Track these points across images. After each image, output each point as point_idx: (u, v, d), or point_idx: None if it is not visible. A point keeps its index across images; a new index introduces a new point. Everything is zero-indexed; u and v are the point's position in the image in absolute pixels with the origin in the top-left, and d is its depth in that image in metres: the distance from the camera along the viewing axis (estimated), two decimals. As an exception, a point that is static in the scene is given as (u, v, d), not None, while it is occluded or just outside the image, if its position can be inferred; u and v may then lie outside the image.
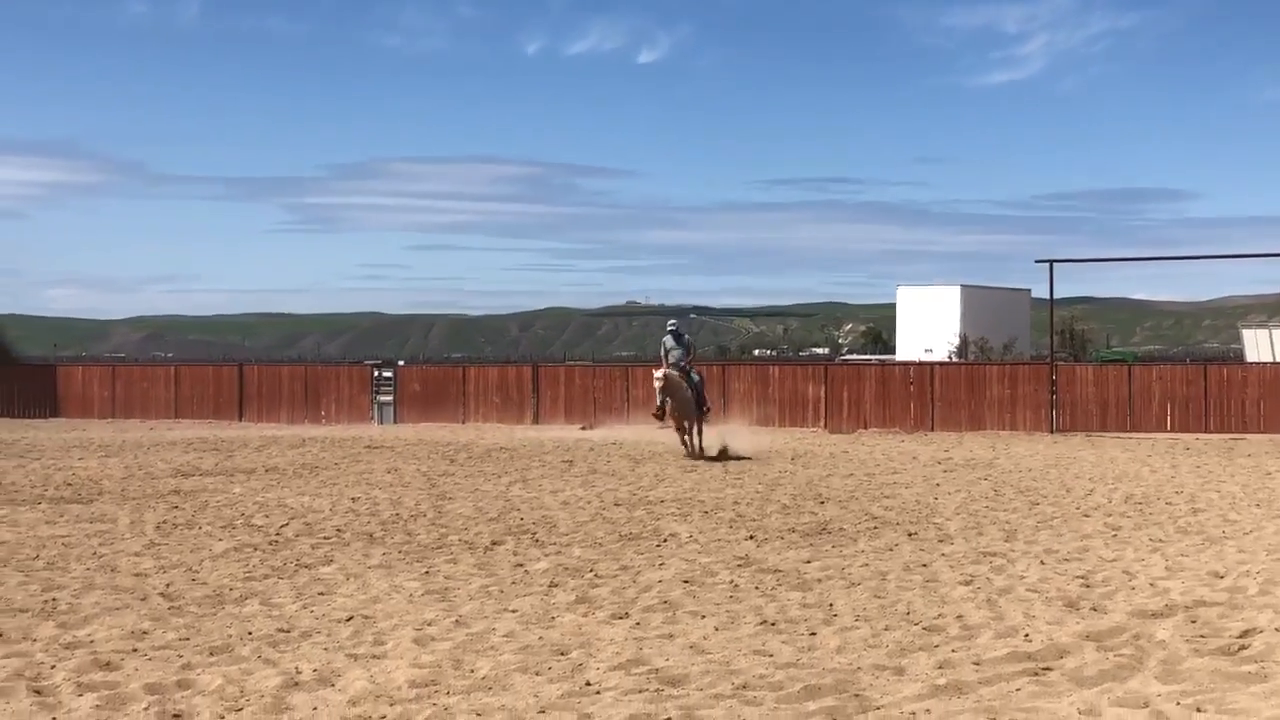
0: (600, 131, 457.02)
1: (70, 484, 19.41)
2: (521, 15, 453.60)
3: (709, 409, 25.28)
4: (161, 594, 10.46)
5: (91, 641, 8.74)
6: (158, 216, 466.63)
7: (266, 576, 11.31)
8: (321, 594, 10.50)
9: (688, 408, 24.19)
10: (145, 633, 9.02)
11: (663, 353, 25.23)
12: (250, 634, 8.97)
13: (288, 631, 9.07)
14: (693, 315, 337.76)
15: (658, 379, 24.06)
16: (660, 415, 24.25)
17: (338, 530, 14.28)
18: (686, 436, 24.32)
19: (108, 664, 8.12)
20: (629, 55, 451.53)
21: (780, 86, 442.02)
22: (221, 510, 16.03)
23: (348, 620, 9.45)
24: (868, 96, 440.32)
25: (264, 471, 21.85)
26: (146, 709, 7.14)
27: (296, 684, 7.62)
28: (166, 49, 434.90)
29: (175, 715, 7.05)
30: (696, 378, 24.74)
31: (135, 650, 8.49)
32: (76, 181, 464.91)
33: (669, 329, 25.63)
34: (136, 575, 11.33)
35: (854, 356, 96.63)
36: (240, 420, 39.72)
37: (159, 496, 17.61)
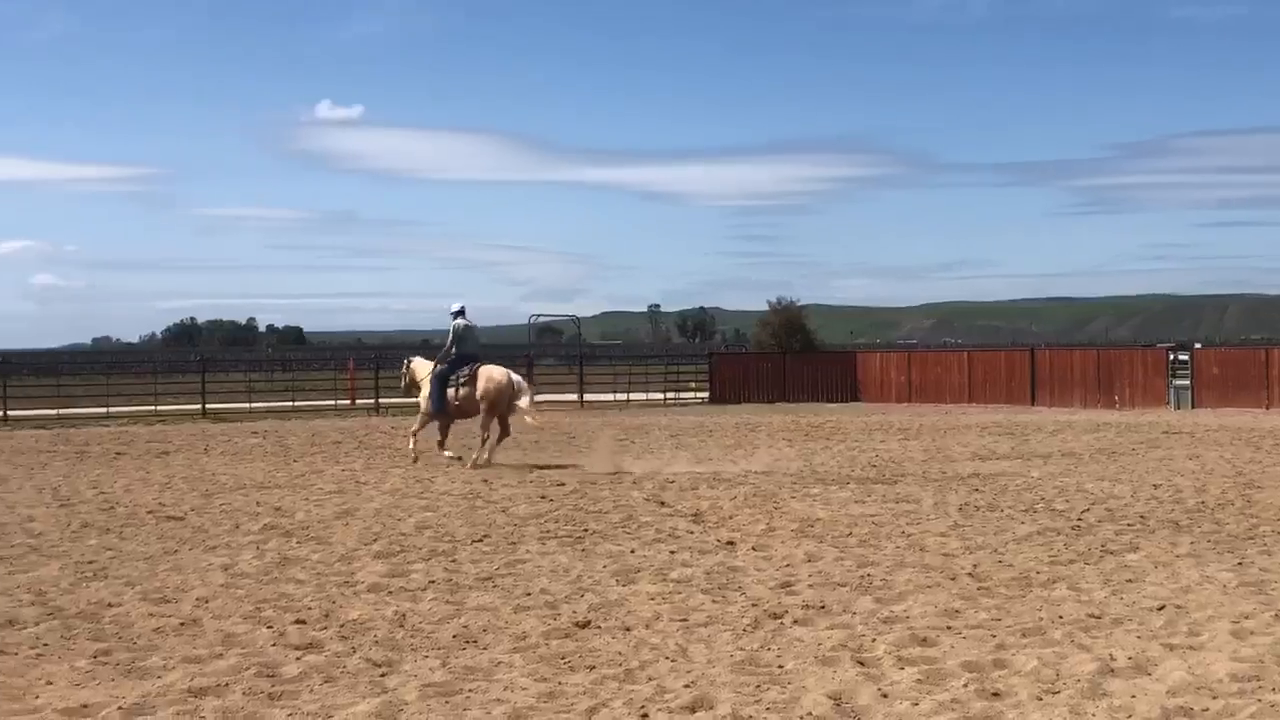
0: None
1: (874, 465, 20.34)
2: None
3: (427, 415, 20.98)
4: (969, 574, 10.70)
5: (907, 617, 9.10)
6: (943, 205, 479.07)
7: (1072, 561, 11.27)
8: (1130, 581, 10.31)
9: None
10: (957, 611, 9.27)
11: None
12: (1060, 618, 8.97)
13: (1098, 617, 8.98)
14: None
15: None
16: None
17: (1141, 517, 13.95)
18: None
19: (924, 640, 8.42)
20: None
21: None
22: (1021, 494, 16.14)
23: (1159, 609, 9.22)
24: None
25: (1060, 456, 21.78)
26: (965, 685, 7.33)
27: (1111, 670, 7.54)
28: (955, 41, 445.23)
29: (994, 693, 7.19)
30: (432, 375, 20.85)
31: (949, 628, 8.75)
32: (866, 175, 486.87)
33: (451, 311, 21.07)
34: (944, 555, 11.67)
35: None
36: (1033, 405, 39.85)
37: (959, 479, 18.01)
